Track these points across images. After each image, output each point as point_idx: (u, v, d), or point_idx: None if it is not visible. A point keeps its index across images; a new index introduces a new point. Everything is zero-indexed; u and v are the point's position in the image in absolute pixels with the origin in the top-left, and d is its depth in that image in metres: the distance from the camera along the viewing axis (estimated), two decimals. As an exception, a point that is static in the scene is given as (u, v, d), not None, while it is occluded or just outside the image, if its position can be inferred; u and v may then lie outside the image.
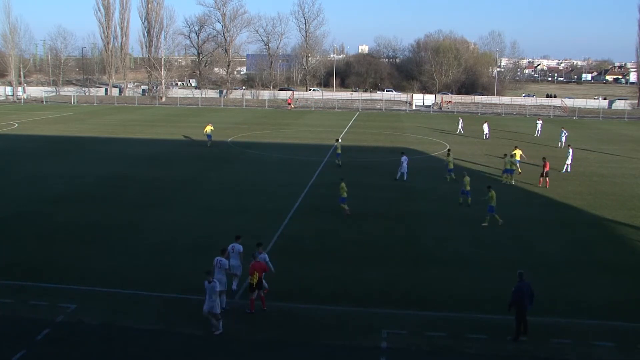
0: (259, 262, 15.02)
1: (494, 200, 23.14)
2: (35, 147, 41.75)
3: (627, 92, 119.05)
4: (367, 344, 13.45)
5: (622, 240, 21.97)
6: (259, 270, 14.85)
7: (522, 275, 13.97)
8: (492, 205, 23.18)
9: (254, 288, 14.83)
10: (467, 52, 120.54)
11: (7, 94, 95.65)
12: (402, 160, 32.08)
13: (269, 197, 27.41)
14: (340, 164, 35.27)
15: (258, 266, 14.88)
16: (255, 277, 14.75)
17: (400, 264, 18.84)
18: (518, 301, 13.60)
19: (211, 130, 44.77)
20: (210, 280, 13.60)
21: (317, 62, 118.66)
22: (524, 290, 13.65)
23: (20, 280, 16.72)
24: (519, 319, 13.69)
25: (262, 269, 14.96)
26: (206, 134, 44.39)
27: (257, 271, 14.80)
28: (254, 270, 14.75)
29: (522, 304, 13.58)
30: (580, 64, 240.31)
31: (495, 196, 23.22)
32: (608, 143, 50.52)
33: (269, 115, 74.51)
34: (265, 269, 15.15)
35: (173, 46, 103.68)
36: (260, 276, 14.91)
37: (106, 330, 13.80)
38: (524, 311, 13.61)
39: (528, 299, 13.69)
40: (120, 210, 24.78)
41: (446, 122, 68.11)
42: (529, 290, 13.74)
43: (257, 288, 14.91)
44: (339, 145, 36.70)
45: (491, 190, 23.40)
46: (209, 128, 44.93)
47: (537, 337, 13.87)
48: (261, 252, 15.69)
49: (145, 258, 18.94)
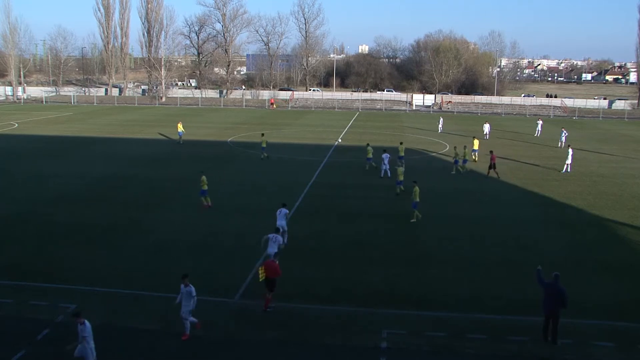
0: (271, 262, 15.15)
1: (418, 196, 23.55)
2: (35, 147, 41.74)
3: (627, 92, 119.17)
4: (367, 344, 13.46)
5: (622, 240, 21.97)
6: (268, 269, 14.94)
7: (557, 278, 13.71)
8: (416, 202, 23.61)
9: (269, 286, 14.99)
10: (467, 52, 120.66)
11: (7, 94, 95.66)
12: (383, 157, 32.62)
13: (269, 197, 27.40)
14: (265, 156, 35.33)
15: (267, 265, 15.02)
16: (262, 273, 14.88)
17: (400, 264, 18.84)
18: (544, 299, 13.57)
19: (182, 128, 46.34)
20: (186, 283, 13.51)
21: (317, 62, 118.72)
22: (548, 290, 13.58)
23: (20, 280, 16.72)
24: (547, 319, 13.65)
25: (272, 269, 14.97)
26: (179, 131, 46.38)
27: (266, 269, 14.92)
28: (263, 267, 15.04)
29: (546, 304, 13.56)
30: (580, 64, 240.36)
31: (418, 192, 23.60)
32: (608, 143, 50.52)
33: (269, 115, 74.52)
34: (277, 272, 15.08)
35: (173, 46, 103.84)
36: (269, 276, 14.91)
37: (106, 330, 13.79)
38: (548, 313, 13.52)
39: (554, 302, 13.44)
40: (120, 210, 24.77)
41: (427, 121, 68.62)
42: (558, 293, 13.44)
43: (269, 289, 15.03)
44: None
45: (415, 186, 23.80)
46: (180, 126, 46.70)
47: (537, 337, 13.87)
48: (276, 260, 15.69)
49: (145, 258, 18.93)
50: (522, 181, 32.48)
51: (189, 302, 13.40)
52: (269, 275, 14.97)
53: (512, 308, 15.52)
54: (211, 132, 53.25)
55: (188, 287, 13.48)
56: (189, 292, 13.43)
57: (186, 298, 13.43)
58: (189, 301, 13.40)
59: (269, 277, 14.98)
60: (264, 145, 38.29)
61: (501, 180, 32.65)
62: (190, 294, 13.42)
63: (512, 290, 16.74)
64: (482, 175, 33.83)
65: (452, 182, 31.65)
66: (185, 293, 13.44)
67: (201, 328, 13.83)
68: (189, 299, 13.41)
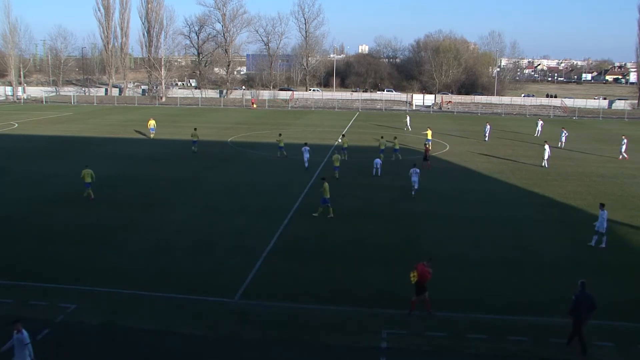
0: (423, 265, 14.84)
1: (327, 193, 23.81)
2: (35, 147, 41.75)
3: (627, 92, 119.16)
4: (367, 344, 13.46)
5: (622, 240, 21.97)
6: (420, 273, 14.67)
7: (583, 285, 13.40)
8: (325, 197, 23.87)
9: (418, 290, 14.73)
10: (467, 52, 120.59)
11: (7, 94, 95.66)
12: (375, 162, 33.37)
13: (269, 197, 27.41)
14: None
15: (420, 269, 14.76)
16: (414, 276, 14.67)
17: (400, 264, 18.80)
18: (574, 310, 13.18)
19: (154, 124, 48.49)
20: (19, 329, 11.06)
21: (317, 62, 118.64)
22: (582, 301, 13.15)
23: (20, 280, 16.73)
24: (575, 328, 13.29)
25: (423, 273, 14.70)
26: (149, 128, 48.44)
27: (418, 273, 14.67)
28: (416, 270, 14.75)
29: (578, 314, 13.17)
30: (580, 64, 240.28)
31: (328, 188, 23.82)
32: (608, 143, 50.47)
33: (268, 115, 74.51)
34: (427, 275, 14.75)
35: (173, 46, 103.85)
36: (419, 280, 14.64)
37: (106, 330, 13.80)
38: (579, 322, 13.17)
39: (586, 311, 13.18)
40: (120, 210, 24.78)
41: (392, 119, 68.93)
42: (589, 302, 13.20)
43: (420, 292, 14.76)
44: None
45: (325, 183, 24.05)
46: (152, 122, 48.66)
47: (537, 337, 13.87)
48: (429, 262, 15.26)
49: (145, 258, 18.93)
50: (522, 181, 32.48)
51: (23, 353, 11.03)
52: (421, 279, 14.67)
53: (512, 308, 15.52)
54: (211, 132, 53.22)
55: (20, 334, 11.04)
56: (21, 340, 11.02)
57: (19, 347, 11.04)
58: (22, 351, 11.02)
59: (420, 281, 14.67)
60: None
61: (500, 180, 32.65)
62: (23, 341, 11.03)
63: (512, 290, 16.74)
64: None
65: (452, 182, 31.64)
66: (17, 341, 11.04)
67: (200, 329, 13.82)
68: (22, 348, 11.02)
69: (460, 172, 35.41)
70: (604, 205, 20.89)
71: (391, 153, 38.77)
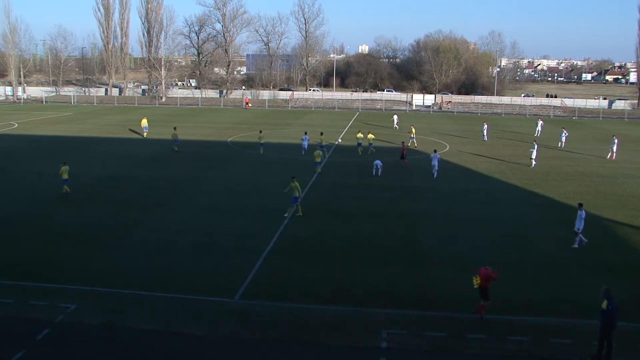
0: (485, 269, 14.75)
1: (298, 191, 23.96)
2: (35, 147, 41.75)
3: (627, 92, 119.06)
4: (367, 344, 13.46)
5: (622, 240, 21.97)
6: (483, 277, 14.61)
7: (609, 292, 13.01)
8: (296, 196, 23.98)
9: (484, 294, 14.65)
10: (467, 52, 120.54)
11: (7, 94, 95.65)
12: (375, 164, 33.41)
13: (269, 197, 27.40)
14: None
15: (483, 272, 14.68)
16: (477, 280, 14.62)
17: (400, 264, 18.84)
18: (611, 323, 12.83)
19: (146, 123, 49.51)
20: None
21: (317, 62, 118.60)
22: (615, 313, 12.80)
23: (20, 280, 16.73)
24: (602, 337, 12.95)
25: (486, 276, 14.62)
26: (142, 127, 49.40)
27: (481, 277, 14.61)
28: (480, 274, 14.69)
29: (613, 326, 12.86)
30: (580, 64, 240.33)
31: (298, 187, 23.97)
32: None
33: (268, 115, 74.50)
34: (492, 277, 14.66)
35: (173, 46, 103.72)
36: (483, 284, 14.58)
37: (106, 330, 13.80)
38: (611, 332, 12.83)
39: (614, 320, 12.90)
40: (120, 210, 24.77)
41: (381, 119, 68.94)
42: (618, 311, 12.92)
43: (483, 297, 14.68)
44: None
45: (294, 181, 24.13)
46: (144, 121, 49.65)
47: (537, 337, 13.87)
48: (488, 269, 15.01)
49: (145, 258, 18.93)
50: (522, 181, 32.48)
51: None
52: (483, 283, 14.62)
53: (512, 308, 15.52)
54: (211, 132, 53.24)
55: None
56: None
57: None
58: None
59: (483, 285, 14.62)
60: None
61: (500, 180, 32.67)
62: None
63: (512, 290, 16.72)
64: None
65: (452, 182, 31.63)
66: None
67: (200, 329, 13.82)
68: None
69: (460, 172, 35.42)
70: (582, 205, 20.98)
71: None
